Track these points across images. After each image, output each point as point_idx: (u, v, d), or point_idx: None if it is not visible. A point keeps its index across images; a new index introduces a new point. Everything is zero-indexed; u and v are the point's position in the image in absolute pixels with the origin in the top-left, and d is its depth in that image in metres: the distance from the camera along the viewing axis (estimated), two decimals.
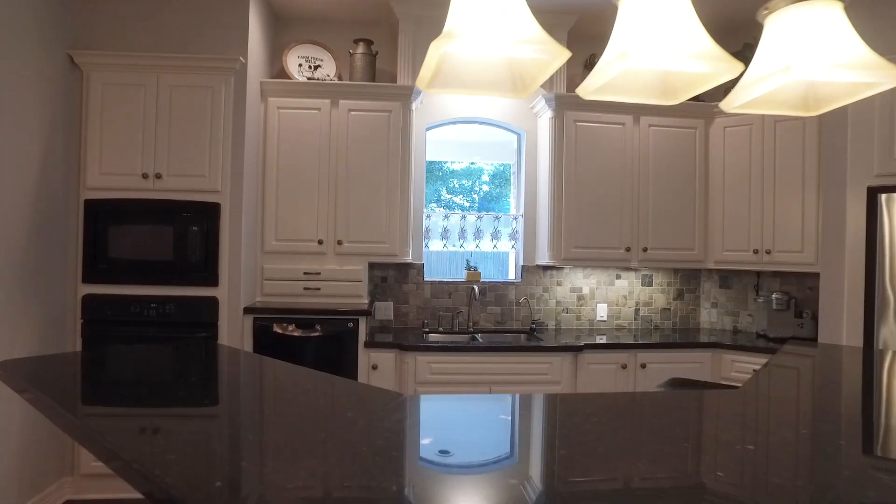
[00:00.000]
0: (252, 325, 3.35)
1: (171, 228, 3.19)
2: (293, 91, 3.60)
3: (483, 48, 1.19)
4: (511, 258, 4.29)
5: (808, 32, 1.40)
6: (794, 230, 3.55)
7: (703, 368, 3.57)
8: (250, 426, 1.20)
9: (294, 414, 1.27)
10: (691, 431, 1.23)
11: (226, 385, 1.63)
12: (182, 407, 1.37)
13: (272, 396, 1.46)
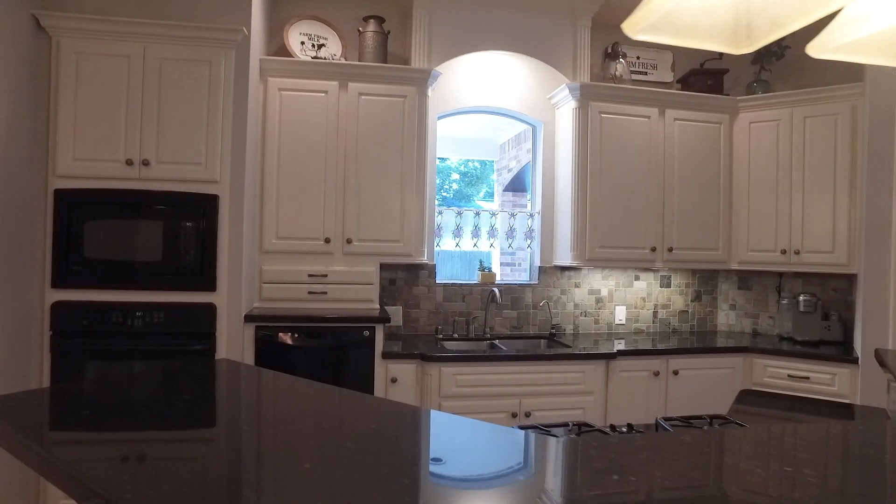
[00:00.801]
0: (254, 335, 2.94)
1: (161, 224, 2.75)
2: (297, 71, 3.20)
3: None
4: (491, 257, 4.02)
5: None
6: (824, 230, 3.43)
7: (734, 374, 3.41)
8: (253, 453, 0.88)
9: (308, 441, 0.95)
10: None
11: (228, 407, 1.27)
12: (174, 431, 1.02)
13: (286, 418, 1.13)
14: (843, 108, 3.39)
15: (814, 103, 3.47)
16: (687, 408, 3.35)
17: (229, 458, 0.99)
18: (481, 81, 3.76)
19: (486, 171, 12.32)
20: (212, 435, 1.17)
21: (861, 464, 1.02)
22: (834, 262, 3.41)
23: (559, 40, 3.60)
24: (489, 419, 3.04)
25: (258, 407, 1.42)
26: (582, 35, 3.62)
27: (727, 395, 3.40)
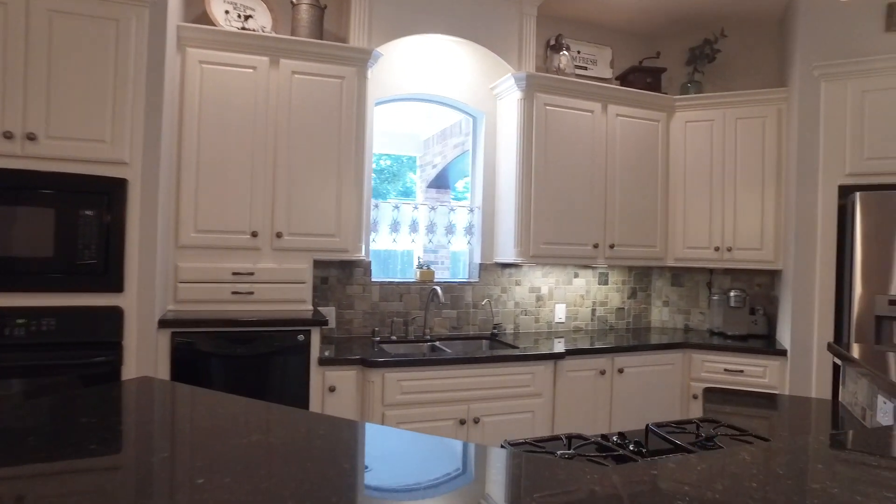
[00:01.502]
0: (169, 343, 2.54)
1: (53, 212, 2.28)
2: (222, 42, 2.82)
3: None
4: (413, 255, 3.85)
5: None
6: (754, 228, 3.55)
7: (675, 370, 3.44)
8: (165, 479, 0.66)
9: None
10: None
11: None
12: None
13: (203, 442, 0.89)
14: (770, 111, 3.52)
15: (744, 105, 3.58)
16: (632, 405, 3.33)
17: (136, 489, 0.74)
18: (420, 68, 3.54)
19: (403, 167, 12.10)
20: (114, 463, 0.89)
21: None
22: (762, 259, 3.53)
23: (505, 28, 3.46)
24: (436, 427, 2.84)
25: (172, 427, 1.13)
26: (528, 24, 3.50)
27: (669, 391, 3.43)
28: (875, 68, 3.00)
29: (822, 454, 1.03)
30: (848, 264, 3.01)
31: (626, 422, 3.30)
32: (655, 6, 3.67)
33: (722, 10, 3.70)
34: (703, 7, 3.66)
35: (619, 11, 3.75)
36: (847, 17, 3.12)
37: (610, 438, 1.57)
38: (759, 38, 3.87)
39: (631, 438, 1.57)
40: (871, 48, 3.07)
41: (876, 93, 3.01)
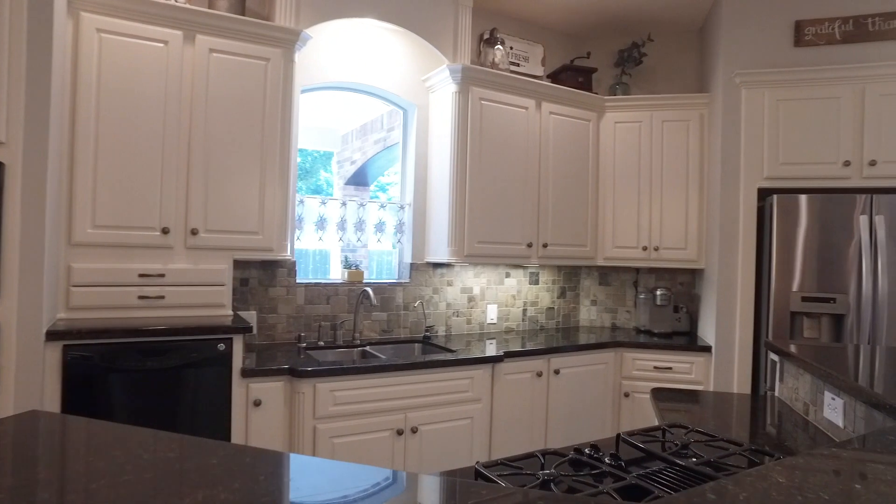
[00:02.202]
0: (61, 359, 2.15)
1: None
2: (125, 10, 2.45)
3: None
4: (330, 256, 3.67)
5: None
6: (678, 228, 3.66)
7: (608, 369, 3.46)
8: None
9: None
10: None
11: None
12: None
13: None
14: (693, 115, 3.65)
15: (670, 108, 3.68)
16: (568, 406, 3.31)
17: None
18: (349, 55, 3.32)
19: (317, 163, 11.64)
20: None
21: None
22: (686, 259, 3.65)
23: (440, 19, 3.32)
24: (373, 439, 2.65)
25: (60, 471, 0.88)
26: (463, 16, 3.38)
27: (602, 390, 3.45)
28: (787, 79, 3.17)
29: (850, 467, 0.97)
30: (766, 264, 3.16)
31: (562, 424, 3.27)
32: (587, 7, 3.68)
33: (648, 16, 3.78)
34: (631, 12, 3.73)
35: (551, 10, 3.73)
36: (763, 31, 3.28)
37: (583, 451, 1.47)
38: (681, 45, 4.01)
39: (605, 450, 1.48)
40: (784, 61, 3.25)
41: (788, 102, 3.18)
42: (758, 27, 3.28)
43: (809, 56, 3.21)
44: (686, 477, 1.29)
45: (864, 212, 2.99)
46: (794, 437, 1.76)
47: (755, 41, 3.28)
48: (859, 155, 3.09)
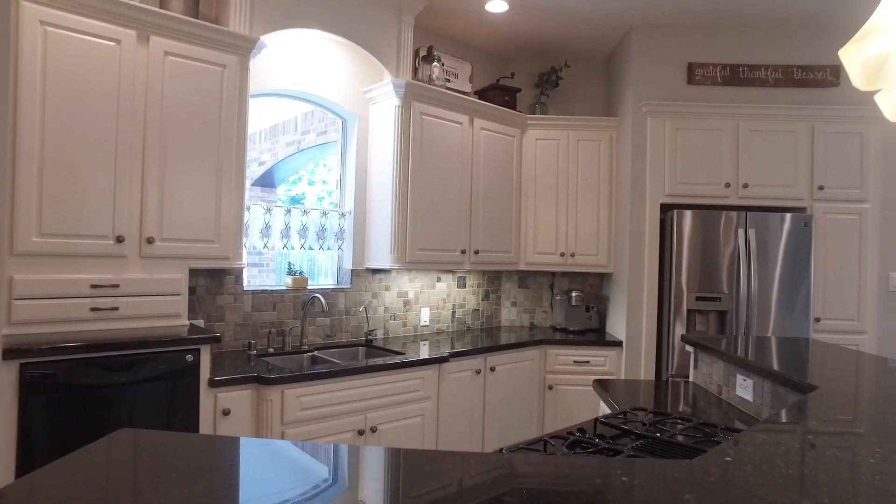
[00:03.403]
0: (17, 379, 2.01)
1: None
2: (77, 4, 2.31)
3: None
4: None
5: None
6: (591, 236, 4.12)
7: (534, 364, 3.81)
8: None
9: None
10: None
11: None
12: None
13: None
14: (604, 136, 4.13)
15: (584, 129, 4.13)
16: (502, 399, 3.61)
17: None
18: (294, 64, 3.34)
19: None
20: None
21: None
22: (598, 264, 4.12)
23: (384, 35, 3.46)
24: (337, 440, 2.74)
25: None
26: (406, 33, 3.54)
27: (529, 383, 3.79)
28: (683, 111, 3.74)
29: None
30: (668, 269, 3.69)
31: (498, 415, 3.56)
32: (511, 32, 4.02)
33: (564, 44, 4.21)
34: (549, 39, 4.12)
35: (480, 32, 4.02)
36: (663, 69, 3.82)
37: (574, 434, 1.74)
38: (591, 72, 4.50)
39: (590, 432, 1.77)
40: (680, 95, 3.82)
41: (684, 130, 3.74)
42: (659, 65, 3.81)
43: (699, 93, 3.80)
44: (665, 446, 1.60)
45: (741, 226, 3.62)
46: (716, 411, 2.17)
47: (657, 77, 3.81)
48: (736, 178, 3.73)
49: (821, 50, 3.77)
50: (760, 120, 3.71)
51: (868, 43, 0.97)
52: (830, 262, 3.69)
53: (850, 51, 1.03)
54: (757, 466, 1.02)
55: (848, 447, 1.13)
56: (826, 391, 1.62)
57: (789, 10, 3.55)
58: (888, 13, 0.94)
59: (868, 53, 1.00)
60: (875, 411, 1.43)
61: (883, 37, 0.93)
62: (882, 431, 1.25)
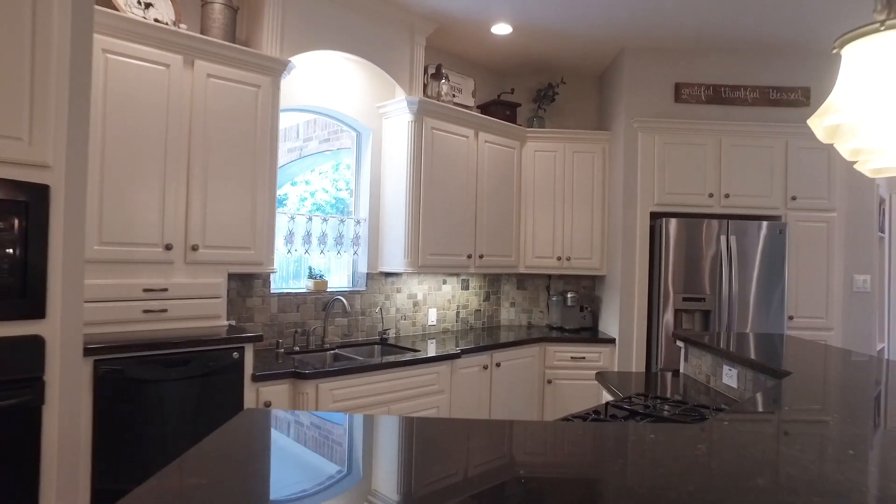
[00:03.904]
0: (92, 374, 2.23)
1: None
2: (130, 32, 2.53)
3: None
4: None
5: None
6: (585, 241, 4.44)
7: (535, 360, 4.11)
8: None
9: None
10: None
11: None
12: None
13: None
14: (598, 149, 4.45)
15: (579, 142, 4.44)
16: (506, 392, 3.89)
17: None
18: (315, 81, 3.59)
19: None
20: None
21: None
22: (592, 267, 4.43)
23: (398, 55, 3.72)
24: None
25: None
26: (418, 53, 3.81)
27: (530, 378, 4.08)
28: (670, 127, 4.07)
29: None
30: (658, 272, 4.02)
31: (502, 407, 3.85)
32: (511, 50, 4.31)
33: (560, 62, 4.52)
34: (547, 57, 4.43)
35: (482, 50, 4.31)
36: (653, 88, 4.15)
37: (590, 414, 2.03)
38: (585, 88, 4.82)
39: (603, 413, 2.06)
40: (668, 112, 4.15)
41: (671, 145, 4.08)
42: (649, 85, 4.15)
43: (685, 111, 4.14)
44: (669, 422, 1.90)
45: (722, 233, 3.96)
46: (705, 397, 2.48)
47: (647, 95, 4.15)
48: (718, 189, 4.08)
49: (794, 73, 4.14)
50: (740, 136, 4.07)
51: (826, 117, 1.28)
52: (802, 266, 4.06)
53: (814, 121, 1.34)
54: (746, 430, 1.32)
55: (813, 416, 1.44)
56: (798, 376, 1.94)
57: (766, 37, 3.91)
58: (838, 97, 1.24)
59: (826, 123, 1.31)
60: (836, 391, 1.75)
61: (835, 114, 1.23)
62: (840, 404, 1.57)
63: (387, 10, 3.58)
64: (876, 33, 1.20)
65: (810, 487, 0.99)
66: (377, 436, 1.28)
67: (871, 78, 1.20)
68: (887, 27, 1.19)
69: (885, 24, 1.19)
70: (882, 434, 1.35)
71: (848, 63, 1.29)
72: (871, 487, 1.00)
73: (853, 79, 1.24)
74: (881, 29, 1.19)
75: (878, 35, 1.21)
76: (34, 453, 1.99)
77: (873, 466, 1.12)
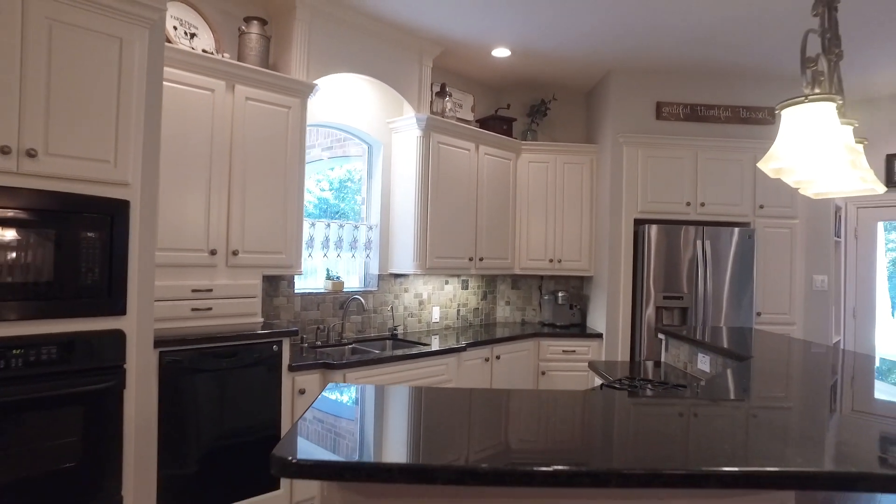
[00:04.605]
0: (157, 363, 2.55)
1: (53, 234, 2.17)
2: (182, 62, 2.85)
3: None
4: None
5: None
6: (575, 245, 4.85)
7: (530, 354, 4.51)
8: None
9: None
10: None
11: None
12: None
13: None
14: (586, 160, 4.87)
15: (569, 154, 4.85)
16: (505, 383, 4.28)
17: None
18: (331, 99, 3.93)
19: None
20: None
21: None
22: (581, 268, 4.85)
23: (408, 75, 4.08)
24: None
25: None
26: (425, 73, 4.18)
27: (526, 369, 4.48)
28: (652, 142, 4.50)
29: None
30: (641, 273, 4.45)
31: None
32: (509, 71, 4.70)
33: (551, 80, 4.93)
34: (540, 76, 4.83)
35: (481, 69, 4.69)
36: (636, 106, 4.58)
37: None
38: (574, 104, 5.23)
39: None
40: (650, 129, 4.58)
41: (653, 158, 4.51)
42: (633, 103, 4.58)
43: (666, 127, 4.58)
44: None
45: (698, 238, 4.41)
46: (683, 380, 2.90)
47: (631, 112, 4.57)
48: (695, 198, 4.52)
49: (761, 95, 4.61)
50: (714, 150, 4.52)
51: (770, 162, 1.69)
52: (768, 267, 4.53)
53: (763, 164, 1.75)
54: (717, 395, 1.73)
55: (768, 378, 1.85)
56: (757, 360, 2.36)
57: (737, 61, 4.36)
58: (779, 147, 1.66)
59: (771, 166, 1.72)
60: (788, 369, 2.18)
61: (777, 160, 1.65)
62: (787, 376, 1.98)
63: (399, 35, 3.94)
64: (803, 103, 1.63)
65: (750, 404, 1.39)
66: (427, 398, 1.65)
67: (800, 134, 1.61)
68: (810, 100, 1.61)
69: (809, 98, 1.62)
70: (800, 374, 1.77)
71: (785, 122, 1.70)
72: (796, 402, 1.41)
73: (788, 134, 1.66)
74: (806, 101, 1.62)
75: (805, 104, 1.63)
76: (118, 428, 2.31)
77: (795, 386, 1.53)
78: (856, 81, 4.66)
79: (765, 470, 1.10)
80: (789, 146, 1.64)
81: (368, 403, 1.61)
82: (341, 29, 3.62)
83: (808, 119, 1.63)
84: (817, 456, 1.19)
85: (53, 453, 2.16)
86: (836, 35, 1.88)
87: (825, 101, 1.62)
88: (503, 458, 1.16)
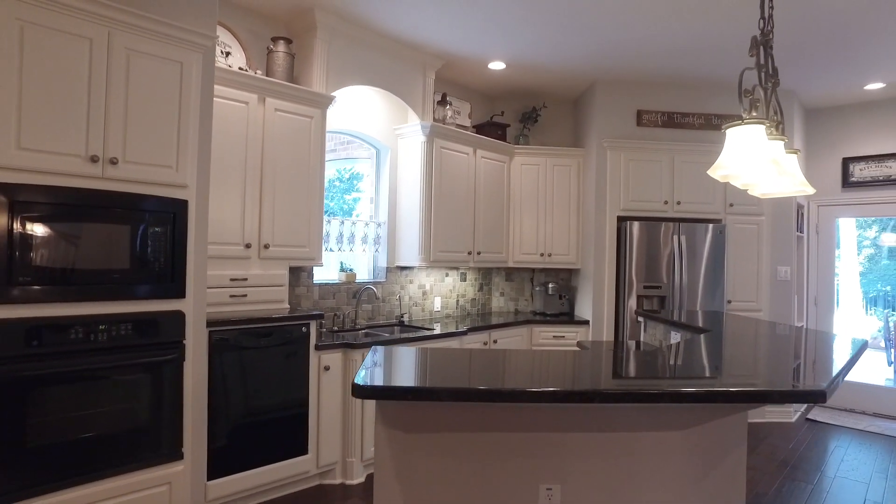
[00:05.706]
0: (207, 340, 2.96)
1: (129, 228, 2.57)
2: (224, 78, 3.24)
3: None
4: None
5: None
6: (563, 240, 5.31)
7: (523, 339, 4.96)
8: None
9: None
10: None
11: None
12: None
13: None
14: (574, 163, 5.32)
15: (558, 157, 5.31)
16: None
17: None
18: (343, 108, 4.34)
19: None
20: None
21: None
22: (569, 262, 5.31)
23: (413, 86, 4.50)
24: None
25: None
26: (429, 84, 4.60)
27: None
28: (633, 147, 4.97)
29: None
30: (624, 265, 4.92)
31: None
32: (503, 80, 5.14)
33: (541, 89, 5.38)
34: (532, 86, 5.28)
35: (477, 79, 5.13)
36: (618, 113, 5.05)
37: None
38: (562, 111, 5.69)
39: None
40: (631, 134, 5.05)
41: (634, 161, 4.98)
42: (615, 111, 5.04)
43: (645, 133, 5.05)
44: None
45: (675, 233, 4.89)
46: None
47: (614, 119, 5.04)
48: (672, 197, 5.00)
49: (732, 103, 5.10)
50: (689, 154, 5.00)
51: (718, 170, 2.15)
52: (738, 260, 5.02)
53: (712, 172, 2.21)
54: (688, 350, 2.19)
55: (730, 345, 2.31)
56: (711, 332, 2.82)
57: (709, 73, 4.84)
58: (724, 158, 2.12)
59: (719, 174, 2.18)
60: (734, 337, 2.64)
61: (723, 169, 2.11)
62: (731, 338, 2.45)
63: (406, 50, 4.36)
64: (740, 125, 2.11)
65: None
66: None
67: (739, 148, 2.08)
68: (745, 123, 2.09)
69: (745, 121, 2.09)
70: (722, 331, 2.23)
71: (729, 139, 2.17)
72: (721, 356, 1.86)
73: (731, 148, 2.13)
74: (743, 123, 2.09)
75: (742, 125, 2.10)
76: (180, 395, 2.72)
77: (747, 344, 1.98)
78: (819, 94, 5.18)
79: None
80: (732, 157, 2.10)
81: (408, 357, 2.04)
82: (355, 45, 4.04)
83: (744, 137, 2.10)
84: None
85: (129, 414, 2.57)
86: (773, 67, 2.34)
87: (756, 123, 2.10)
88: (525, 384, 1.60)
